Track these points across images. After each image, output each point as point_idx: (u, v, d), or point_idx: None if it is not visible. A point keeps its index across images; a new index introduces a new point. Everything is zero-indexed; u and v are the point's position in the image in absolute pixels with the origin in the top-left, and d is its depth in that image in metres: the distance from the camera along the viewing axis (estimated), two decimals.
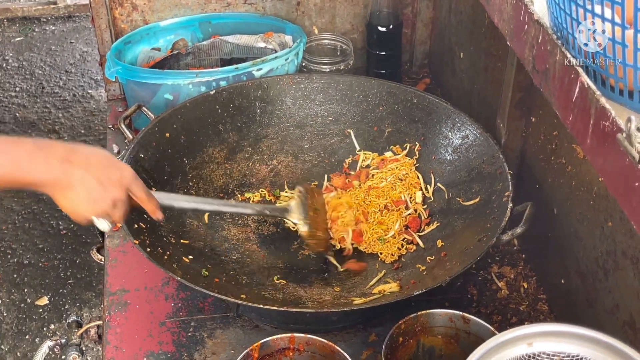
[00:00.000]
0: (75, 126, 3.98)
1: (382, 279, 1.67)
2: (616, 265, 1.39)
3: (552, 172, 1.64)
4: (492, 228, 1.56)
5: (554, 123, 1.60)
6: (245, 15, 2.29)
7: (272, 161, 1.94)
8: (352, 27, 2.36)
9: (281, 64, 2.06)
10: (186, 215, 1.75)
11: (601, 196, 1.43)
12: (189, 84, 1.99)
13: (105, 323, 1.65)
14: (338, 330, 1.61)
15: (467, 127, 1.79)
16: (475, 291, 1.72)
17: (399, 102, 1.91)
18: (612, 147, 0.82)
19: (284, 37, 2.22)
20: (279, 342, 1.40)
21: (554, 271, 1.67)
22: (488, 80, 1.93)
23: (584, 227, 1.51)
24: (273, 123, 1.95)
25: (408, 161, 1.86)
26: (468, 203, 1.71)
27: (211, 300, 1.68)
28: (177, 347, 1.59)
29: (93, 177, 1.27)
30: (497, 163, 1.68)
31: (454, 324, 1.43)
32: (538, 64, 0.99)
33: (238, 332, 1.62)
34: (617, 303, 1.40)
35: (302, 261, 1.75)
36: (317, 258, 1.75)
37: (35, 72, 4.34)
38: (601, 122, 0.83)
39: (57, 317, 3.01)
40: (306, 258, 1.75)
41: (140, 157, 1.72)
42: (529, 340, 1.03)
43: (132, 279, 1.73)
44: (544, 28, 0.96)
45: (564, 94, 0.92)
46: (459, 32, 2.14)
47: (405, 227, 1.77)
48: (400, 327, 1.40)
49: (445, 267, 1.58)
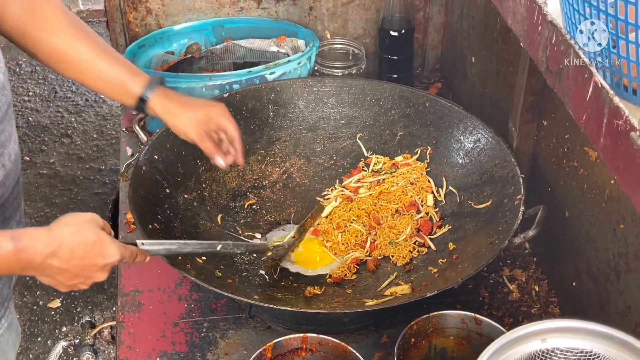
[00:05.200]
0: (87, 130, 4.01)
1: (393, 281, 1.67)
2: (628, 267, 1.40)
3: (563, 175, 1.64)
4: (504, 231, 1.56)
5: (565, 126, 1.60)
6: (258, 20, 2.30)
7: (285, 164, 1.95)
8: (364, 32, 2.38)
9: (294, 67, 2.07)
10: (199, 216, 1.77)
11: (613, 198, 1.43)
12: (202, 88, 2.01)
13: (118, 323, 1.66)
14: (350, 332, 1.62)
15: (479, 131, 1.80)
16: (487, 294, 1.73)
17: (411, 105, 1.92)
18: (626, 146, 0.82)
19: (297, 41, 2.23)
20: (291, 342, 1.40)
21: (565, 274, 1.68)
22: (500, 84, 1.94)
23: (595, 230, 1.52)
24: (286, 126, 1.97)
25: (419, 165, 1.87)
26: (480, 206, 1.72)
27: (224, 301, 1.69)
28: (190, 348, 1.60)
29: (72, 274, 1.27)
30: (509, 166, 1.69)
31: (466, 325, 1.43)
32: (552, 65, 1.00)
33: (250, 333, 1.63)
34: (629, 305, 1.40)
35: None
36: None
37: (48, 77, 4.37)
38: (615, 121, 0.84)
39: (69, 319, 3.03)
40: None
41: (154, 158, 1.74)
42: (543, 336, 1.04)
43: (145, 280, 1.75)
44: (558, 29, 0.97)
45: (578, 93, 0.93)
46: (470, 37, 2.15)
47: (417, 230, 1.78)
48: (413, 328, 1.41)
49: (457, 269, 1.58)
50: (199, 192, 1.81)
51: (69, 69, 1.57)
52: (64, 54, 1.54)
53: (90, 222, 1.29)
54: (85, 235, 1.27)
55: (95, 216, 1.32)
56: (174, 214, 1.71)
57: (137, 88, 1.58)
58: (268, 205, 1.90)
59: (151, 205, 1.67)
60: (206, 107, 1.63)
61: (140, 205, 1.63)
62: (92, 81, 1.59)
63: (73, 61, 1.55)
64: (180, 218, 1.72)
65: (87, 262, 1.27)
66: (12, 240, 1.18)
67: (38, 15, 1.51)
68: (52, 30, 1.52)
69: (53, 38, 1.52)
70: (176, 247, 1.45)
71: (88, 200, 3.59)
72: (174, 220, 1.70)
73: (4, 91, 1.37)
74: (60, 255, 1.24)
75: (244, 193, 1.89)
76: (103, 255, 1.29)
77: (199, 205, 1.79)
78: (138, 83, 1.58)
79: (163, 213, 1.68)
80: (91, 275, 1.30)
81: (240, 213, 1.85)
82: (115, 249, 1.30)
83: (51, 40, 1.53)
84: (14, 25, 1.50)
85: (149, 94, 1.58)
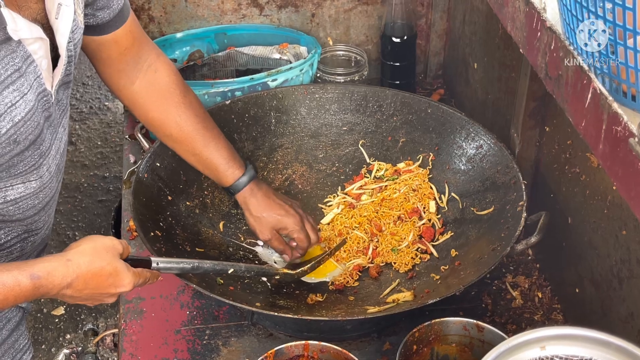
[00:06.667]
0: (92, 138, 4.02)
1: (396, 288, 1.67)
2: (631, 274, 1.39)
3: (566, 181, 1.64)
4: (507, 237, 1.56)
5: (567, 132, 1.60)
6: (260, 27, 2.31)
7: (287, 170, 1.95)
8: (366, 39, 2.38)
9: (296, 74, 2.07)
10: (201, 223, 1.77)
11: (615, 205, 1.43)
12: (204, 95, 2.01)
13: (121, 331, 1.66)
14: (352, 339, 1.61)
15: (481, 137, 1.80)
16: (490, 300, 1.72)
17: (413, 112, 1.92)
18: (624, 152, 0.82)
19: (299, 48, 2.23)
20: (293, 350, 1.40)
21: (568, 280, 1.67)
22: (502, 91, 1.94)
23: (598, 236, 1.51)
24: (288, 133, 1.97)
25: (421, 172, 1.87)
26: (482, 213, 1.71)
27: (226, 309, 1.69)
28: (192, 355, 1.60)
29: (87, 297, 1.30)
30: (511, 173, 1.69)
31: (468, 332, 1.43)
32: (551, 71, 0.99)
33: (252, 340, 1.63)
34: (631, 311, 1.40)
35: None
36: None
37: None
38: (613, 127, 0.84)
39: (73, 326, 3.03)
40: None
41: (156, 165, 1.74)
42: (542, 344, 1.04)
43: (147, 287, 1.74)
44: (557, 35, 0.96)
45: (577, 100, 0.92)
46: (472, 43, 2.15)
47: (419, 236, 1.78)
48: (415, 335, 1.40)
49: (459, 276, 1.58)
50: (201, 199, 1.81)
51: (168, 140, 1.67)
52: (169, 129, 1.64)
53: (109, 251, 1.30)
54: (102, 266, 1.28)
55: (115, 242, 1.33)
56: (176, 221, 1.71)
57: (229, 180, 1.68)
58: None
59: (153, 213, 1.67)
60: (285, 214, 1.71)
61: (142, 213, 1.63)
62: (189, 157, 1.68)
63: (174, 135, 1.65)
64: (182, 225, 1.72)
65: (99, 292, 1.30)
66: (31, 278, 1.20)
67: (156, 93, 1.61)
68: (164, 106, 1.62)
69: (162, 113, 1.62)
70: (190, 267, 1.45)
71: (92, 207, 3.59)
72: (175, 228, 1.70)
73: (51, 184, 1.38)
74: (74, 286, 1.26)
75: None
76: (116, 286, 1.31)
77: (201, 212, 1.79)
78: (230, 175, 1.68)
79: (165, 220, 1.68)
80: (100, 300, 1.33)
81: (242, 220, 1.84)
82: (129, 280, 1.32)
83: (159, 115, 1.63)
84: (130, 96, 1.61)
85: (237, 188, 1.69)
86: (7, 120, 1.17)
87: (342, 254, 1.76)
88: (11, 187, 1.27)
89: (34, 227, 1.40)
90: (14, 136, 1.19)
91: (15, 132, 1.19)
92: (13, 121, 1.18)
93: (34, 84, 1.21)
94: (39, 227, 1.42)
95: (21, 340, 1.54)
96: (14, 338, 1.51)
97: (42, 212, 1.39)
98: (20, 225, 1.36)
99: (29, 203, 1.33)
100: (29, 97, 1.20)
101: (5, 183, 1.26)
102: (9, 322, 1.49)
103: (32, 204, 1.34)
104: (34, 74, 1.21)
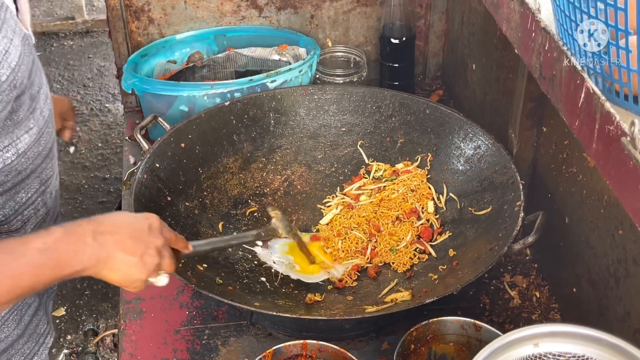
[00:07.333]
0: (92, 139, 4.03)
1: (394, 288, 1.68)
2: (627, 273, 1.40)
3: (563, 181, 1.64)
4: (504, 237, 1.56)
5: (564, 132, 1.61)
6: (259, 29, 2.31)
7: (286, 171, 1.96)
8: (365, 40, 2.39)
9: (295, 75, 2.08)
10: (201, 224, 1.77)
11: (612, 204, 1.44)
12: (204, 96, 2.02)
13: (120, 331, 1.66)
14: (351, 339, 1.62)
15: (479, 138, 1.81)
16: (488, 300, 1.73)
17: (412, 112, 1.93)
18: (617, 151, 0.83)
19: (298, 49, 2.24)
20: (291, 349, 1.41)
21: (565, 280, 1.68)
22: (500, 91, 1.95)
23: (595, 236, 1.52)
24: (287, 134, 1.98)
25: (420, 172, 1.88)
26: (480, 213, 1.72)
27: (225, 309, 1.70)
28: (191, 355, 1.61)
29: (127, 237, 1.26)
30: (509, 173, 1.69)
31: (465, 331, 1.44)
32: (545, 71, 1.00)
33: (251, 340, 1.64)
34: (628, 311, 1.40)
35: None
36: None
37: (54, 87, 4.40)
38: (606, 126, 0.85)
39: (74, 327, 3.04)
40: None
41: (155, 166, 1.75)
42: (536, 341, 1.04)
43: (147, 288, 1.75)
44: (551, 35, 0.97)
45: (570, 99, 0.93)
46: (471, 44, 2.16)
47: (418, 236, 1.78)
48: (412, 334, 1.41)
49: (457, 275, 1.59)
50: (200, 200, 1.82)
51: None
52: None
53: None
54: (119, 212, 1.33)
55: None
56: (175, 221, 1.72)
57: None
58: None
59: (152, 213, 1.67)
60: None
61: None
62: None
63: None
64: (182, 226, 1.73)
65: (135, 227, 1.27)
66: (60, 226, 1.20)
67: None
68: None
69: None
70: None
71: (93, 209, 3.60)
72: (175, 228, 1.69)
73: (48, 129, 1.40)
74: (106, 225, 1.24)
75: (245, 201, 1.90)
76: (146, 217, 1.31)
77: (200, 213, 1.80)
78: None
79: (164, 221, 1.68)
80: (147, 240, 1.28)
81: (241, 220, 1.86)
82: (153, 214, 1.32)
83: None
84: None
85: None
86: (6, 67, 1.20)
87: (341, 253, 1.77)
88: (18, 139, 1.30)
89: (44, 177, 1.41)
90: (14, 82, 1.23)
91: (14, 77, 1.23)
92: (10, 67, 1.21)
93: (16, 29, 1.25)
94: (49, 175, 1.43)
95: (41, 325, 1.54)
96: (34, 323, 1.51)
97: (47, 160, 1.41)
98: (34, 179, 1.38)
99: (35, 151, 1.35)
100: (16, 42, 1.23)
101: (13, 135, 1.29)
102: (29, 307, 1.50)
103: (38, 152, 1.37)
104: (13, 20, 1.24)
